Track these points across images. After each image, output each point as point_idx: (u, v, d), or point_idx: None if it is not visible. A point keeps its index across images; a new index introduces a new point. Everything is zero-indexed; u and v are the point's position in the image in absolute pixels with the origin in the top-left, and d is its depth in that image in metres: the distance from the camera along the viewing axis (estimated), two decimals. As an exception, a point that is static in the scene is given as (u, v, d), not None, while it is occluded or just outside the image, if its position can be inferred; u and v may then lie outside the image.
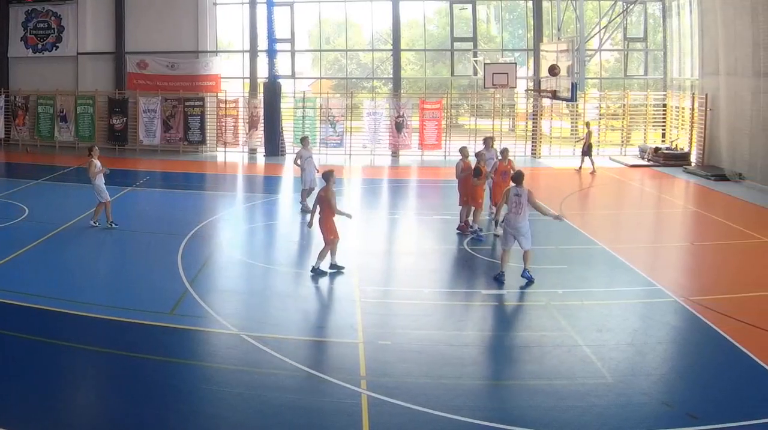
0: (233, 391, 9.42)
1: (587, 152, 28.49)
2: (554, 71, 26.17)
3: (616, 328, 11.69)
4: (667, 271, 15.17)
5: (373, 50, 35.11)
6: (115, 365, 10.27)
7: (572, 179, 27.27)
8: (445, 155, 32.28)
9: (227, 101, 33.58)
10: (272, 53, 32.42)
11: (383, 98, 33.97)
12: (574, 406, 8.99)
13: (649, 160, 30.51)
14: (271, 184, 27.22)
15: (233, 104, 33.60)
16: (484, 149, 19.01)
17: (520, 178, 14.24)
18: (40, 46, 34.66)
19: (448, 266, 16.12)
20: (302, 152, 20.51)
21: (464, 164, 18.05)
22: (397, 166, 31.59)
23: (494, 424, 8.55)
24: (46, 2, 34.49)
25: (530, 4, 33.38)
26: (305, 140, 21.11)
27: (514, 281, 13.94)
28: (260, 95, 33.02)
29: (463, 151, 18.38)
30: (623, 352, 10.76)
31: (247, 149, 33.75)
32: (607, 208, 22.85)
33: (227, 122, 33.58)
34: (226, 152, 33.65)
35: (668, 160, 29.59)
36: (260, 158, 32.79)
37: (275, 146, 32.46)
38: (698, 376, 9.94)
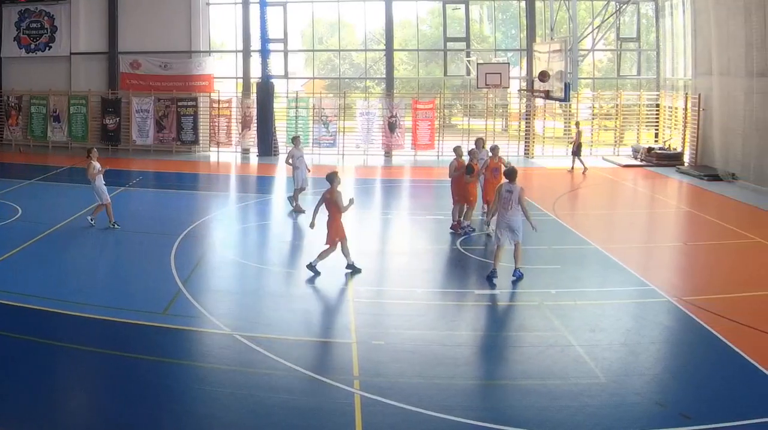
0: (226, 391, 9.39)
1: (576, 152, 28.56)
2: (544, 78, 26.35)
3: (609, 328, 11.70)
4: (660, 271, 15.19)
5: (366, 50, 35.11)
6: (108, 365, 10.23)
7: (565, 179, 27.31)
8: (438, 155, 32.32)
9: (220, 101, 33.56)
10: (265, 53, 32.40)
11: (376, 98, 34.00)
12: (567, 406, 9.00)
13: (642, 160, 30.56)
14: (264, 184, 27.19)
15: (226, 104, 33.59)
16: (476, 149, 19.05)
17: (513, 174, 14.20)
18: (33, 46, 34.58)
19: (441, 266, 16.12)
20: (294, 152, 20.53)
21: (458, 163, 18.08)
22: (390, 166, 31.59)
23: (487, 424, 8.55)
24: (39, 2, 34.41)
25: (523, 4, 33.45)
26: (297, 140, 21.19)
27: (506, 281, 13.94)
28: (253, 95, 33.03)
29: (457, 150, 18.41)
30: (616, 352, 10.77)
31: (240, 149, 33.74)
32: (600, 208, 22.87)
33: (220, 122, 33.56)
34: (219, 152, 33.63)
35: (661, 160, 29.66)
36: (253, 158, 32.80)
37: (268, 146, 32.46)
38: (691, 376, 9.96)
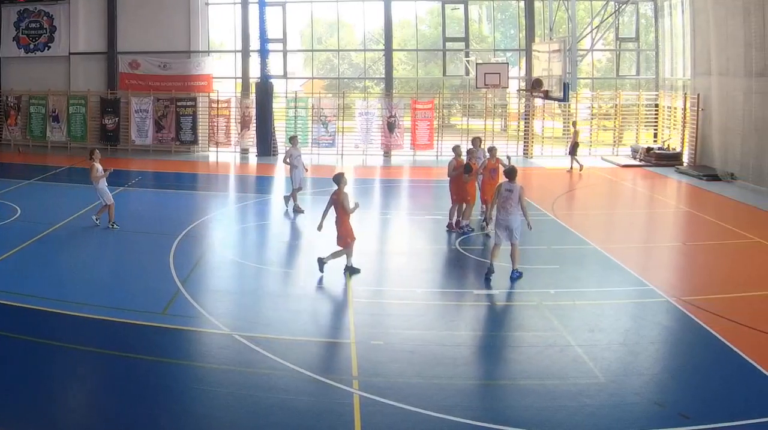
0: (225, 391, 9.39)
1: (572, 152, 28.62)
2: (538, 86, 26.52)
3: (608, 328, 11.71)
4: (659, 271, 15.20)
5: (365, 50, 35.09)
6: (107, 365, 10.23)
7: (564, 179, 27.31)
8: (437, 155, 32.32)
9: (219, 101, 33.55)
10: (264, 53, 32.39)
11: (375, 98, 34.00)
12: (566, 406, 9.00)
13: (641, 160, 30.57)
14: (263, 184, 27.18)
15: (225, 104, 33.58)
16: (473, 148, 19.07)
17: (513, 173, 14.25)
18: (32, 46, 34.56)
19: (440, 266, 16.12)
20: (292, 151, 20.58)
21: (456, 163, 18.13)
22: (389, 166, 31.58)
23: (486, 424, 8.55)
24: (38, 2, 34.40)
25: (522, 4, 33.44)
26: (294, 139, 21.22)
27: (505, 281, 13.96)
28: (252, 95, 33.03)
29: (456, 149, 18.46)
30: (615, 352, 10.77)
31: (239, 149, 33.73)
32: (599, 208, 22.88)
33: (219, 122, 33.55)
34: (218, 152, 33.64)
35: (660, 160, 29.66)
36: (252, 158, 32.79)
37: (267, 146, 32.45)
38: (690, 376, 9.96)
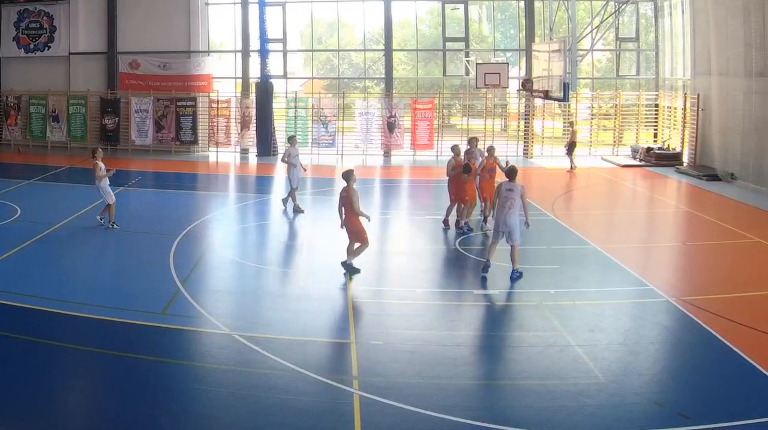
0: (225, 391, 9.39)
1: (569, 151, 28.67)
2: (526, 86, 26.61)
3: (608, 328, 11.71)
4: (659, 271, 15.20)
5: (365, 50, 35.08)
6: (107, 365, 10.23)
7: (564, 179, 27.32)
8: (437, 155, 32.31)
9: (219, 101, 33.55)
10: (264, 53, 32.38)
11: (375, 98, 33.99)
12: (566, 406, 9.00)
13: (641, 160, 30.57)
14: (263, 184, 27.17)
15: (225, 104, 33.57)
16: (471, 148, 19.06)
17: (513, 173, 14.29)
18: (32, 46, 34.55)
19: (440, 266, 16.13)
20: (290, 151, 20.64)
21: (455, 162, 18.16)
22: (389, 166, 31.58)
23: (486, 424, 8.54)
24: (38, 2, 34.39)
25: (522, 4, 33.43)
26: (293, 139, 21.35)
27: (505, 281, 13.97)
28: (252, 95, 33.02)
29: (454, 149, 18.50)
30: (615, 352, 10.77)
31: (239, 149, 33.73)
32: (599, 208, 22.88)
33: (219, 122, 33.55)
34: (218, 152, 33.63)
35: (660, 160, 29.66)
36: (252, 158, 32.78)
37: (267, 146, 32.44)
38: (690, 376, 9.95)
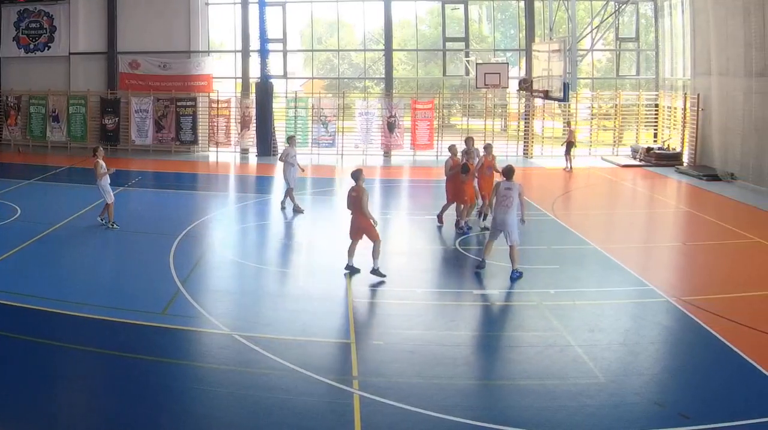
0: (225, 391, 9.39)
1: (567, 151, 28.71)
2: (522, 85, 26.62)
3: (608, 328, 11.71)
4: (659, 271, 15.20)
5: (365, 50, 35.09)
6: (107, 365, 10.23)
7: (564, 179, 27.33)
8: (437, 155, 32.30)
9: (219, 101, 33.55)
10: (264, 53, 32.38)
11: (375, 98, 33.99)
12: (566, 406, 9.00)
13: (641, 160, 30.56)
14: (263, 184, 27.17)
15: (225, 104, 33.58)
16: (469, 148, 19.07)
17: (510, 172, 14.32)
18: (32, 46, 34.55)
19: (440, 266, 16.12)
20: (289, 150, 20.73)
21: (453, 162, 18.21)
22: (389, 166, 31.58)
23: (486, 424, 8.54)
24: (38, 2, 34.40)
25: (522, 4, 33.43)
26: (292, 139, 21.51)
27: (505, 281, 13.98)
28: (252, 95, 33.02)
29: (452, 149, 18.54)
30: (615, 352, 10.76)
31: (239, 149, 33.73)
32: (599, 208, 22.88)
33: (219, 122, 33.55)
34: (218, 152, 33.64)
35: (660, 160, 29.65)
36: (252, 158, 32.79)
37: (267, 146, 32.44)
38: (690, 376, 9.95)
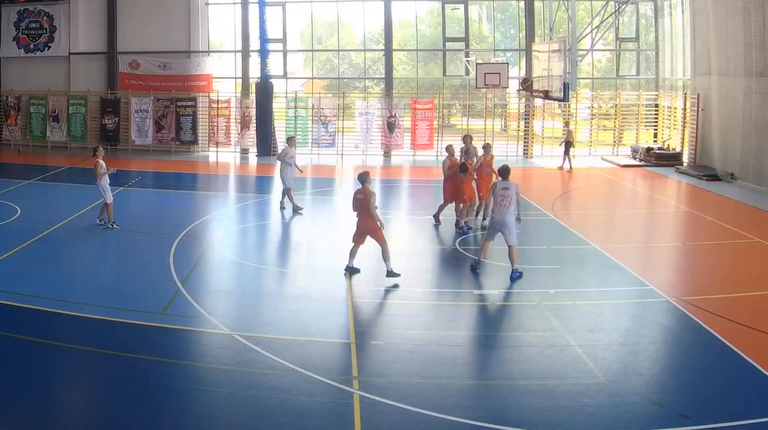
0: (225, 391, 9.38)
1: (566, 151, 28.75)
2: (525, 84, 26.61)
3: (608, 328, 11.70)
4: (659, 271, 15.19)
5: (365, 50, 35.09)
6: (106, 365, 10.22)
7: (564, 179, 27.33)
8: (437, 155, 32.25)
9: (219, 101, 33.55)
10: (264, 53, 32.38)
11: (375, 98, 34.00)
12: (566, 406, 8.99)
13: (641, 160, 30.57)
14: (263, 184, 27.15)
15: (225, 104, 33.58)
16: (467, 146, 19.04)
17: (507, 172, 14.32)
18: (32, 46, 34.55)
19: (440, 266, 16.12)
20: (287, 150, 20.76)
21: (450, 162, 18.24)
22: (389, 166, 31.58)
23: (486, 424, 8.54)
24: (38, 2, 34.40)
25: (522, 4, 33.43)
26: (292, 140, 21.56)
27: (505, 281, 13.98)
28: (252, 95, 33.03)
29: (449, 149, 18.59)
30: (615, 352, 10.76)
31: (239, 149, 33.73)
32: (599, 208, 22.88)
33: (219, 122, 33.55)
34: (218, 152, 33.64)
35: (660, 160, 29.65)
36: (252, 158, 32.79)
37: (267, 146, 32.44)
38: (690, 376, 9.95)
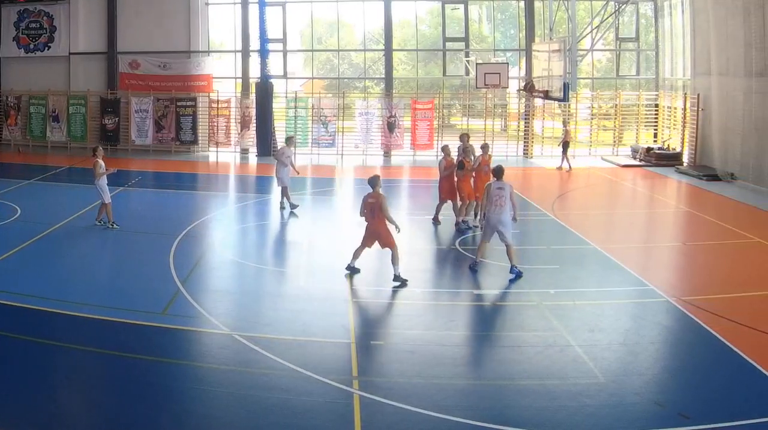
0: (225, 391, 9.39)
1: (564, 151, 28.79)
2: (527, 87, 26.63)
3: (608, 328, 11.70)
4: (659, 271, 15.19)
5: (365, 50, 35.08)
6: (106, 365, 10.22)
7: (564, 179, 27.33)
8: (437, 155, 32.10)
9: (219, 101, 33.55)
10: (264, 53, 32.36)
11: (375, 98, 33.99)
12: (565, 406, 8.99)
13: (641, 160, 30.57)
14: (262, 184, 27.12)
15: (225, 104, 33.58)
16: (465, 145, 19.00)
17: (501, 172, 14.40)
18: (32, 46, 34.55)
19: (439, 266, 16.12)
20: (285, 150, 20.85)
21: (447, 162, 18.29)
22: (389, 166, 31.57)
23: (486, 424, 8.54)
24: (38, 2, 34.38)
25: (522, 4, 33.42)
26: (291, 140, 21.82)
27: (505, 281, 14.00)
28: (252, 95, 33.01)
29: (445, 149, 18.64)
30: (615, 352, 10.76)
31: (239, 149, 33.73)
32: (599, 208, 22.88)
33: (219, 122, 33.55)
34: (218, 152, 33.63)
35: (660, 160, 29.66)
36: (252, 158, 32.79)
37: (267, 146, 32.40)
38: (690, 376, 9.95)
